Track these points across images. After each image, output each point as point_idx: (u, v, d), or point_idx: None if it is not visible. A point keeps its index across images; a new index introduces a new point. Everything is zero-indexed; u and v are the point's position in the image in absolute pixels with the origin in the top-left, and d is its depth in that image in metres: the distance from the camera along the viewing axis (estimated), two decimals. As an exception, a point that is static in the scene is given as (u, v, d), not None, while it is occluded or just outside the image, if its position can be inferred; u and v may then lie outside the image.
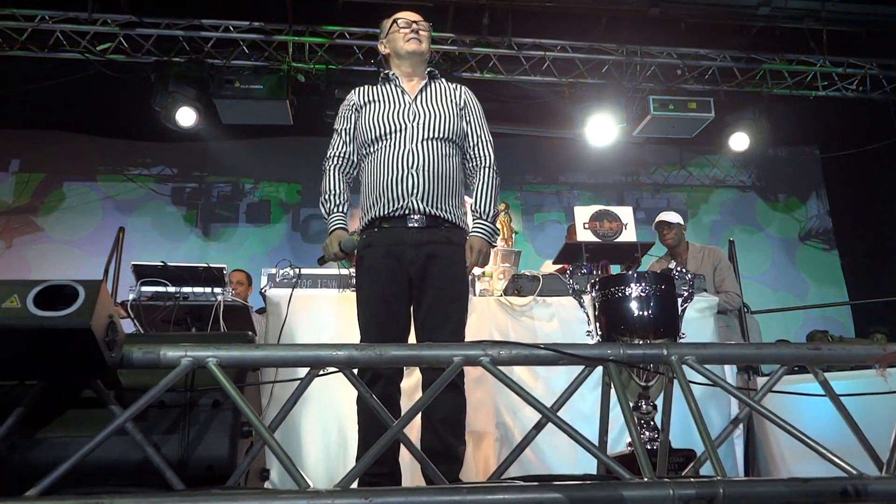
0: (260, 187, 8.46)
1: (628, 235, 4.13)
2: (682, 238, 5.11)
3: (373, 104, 2.95)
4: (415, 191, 2.75)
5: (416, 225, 2.74)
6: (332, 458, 3.42)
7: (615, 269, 4.24)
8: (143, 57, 6.35)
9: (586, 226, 4.11)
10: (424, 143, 2.82)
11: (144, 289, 3.88)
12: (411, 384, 3.26)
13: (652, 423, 2.43)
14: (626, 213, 4.18)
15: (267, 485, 3.08)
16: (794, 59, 7.00)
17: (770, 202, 9.16)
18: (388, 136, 2.84)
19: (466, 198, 3.04)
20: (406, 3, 6.44)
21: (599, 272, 4.02)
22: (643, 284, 2.44)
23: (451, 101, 2.98)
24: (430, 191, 2.77)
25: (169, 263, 3.98)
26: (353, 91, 3.09)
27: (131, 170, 8.24)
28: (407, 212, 2.74)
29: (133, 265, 3.96)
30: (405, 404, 2.79)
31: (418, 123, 2.86)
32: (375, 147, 2.86)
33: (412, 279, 2.75)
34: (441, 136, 2.86)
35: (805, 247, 9.02)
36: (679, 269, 2.69)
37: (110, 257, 4.44)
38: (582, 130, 7.19)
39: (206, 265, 3.99)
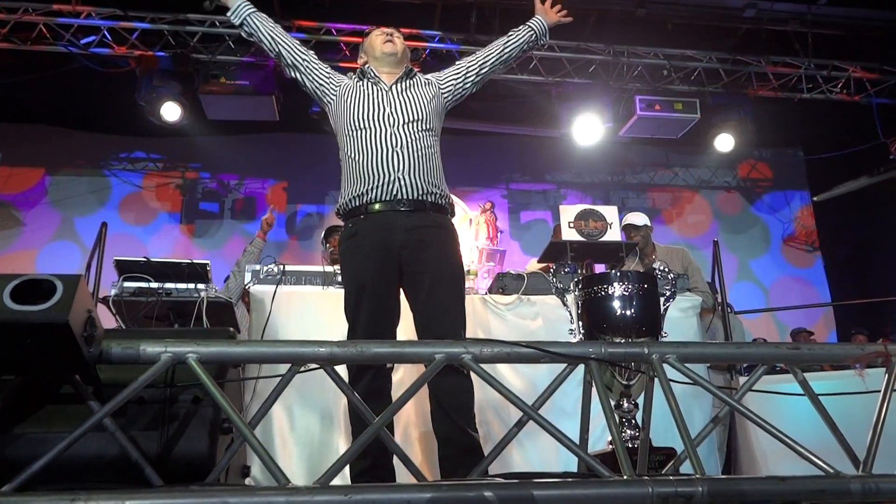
0: (245, 183, 8.42)
1: (613, 235, 4.15)
2: (649, 240, 5.10)
3: (351, 96, 2.98)
4: (401, 167, 2.79)
5: (404, 209, 2.76)
6: (314, 455, 3.41)
7: (600, 269, 4.25)
8: (128, 51, 6.29)
9: (571, 225, 4.11)
10: (405, 126, 2.88)
11: (127, 284, 3.85)
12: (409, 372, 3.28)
13: (633, 421, 2.44)
14: (611, 213, 4.20)
15: (248, 481, 3.07)
16: (780, 61, 7.05)
17: (754, 203, 9.22)
18: (370, 124, 2.88)
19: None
20: (393, 0, 6.50)
21: (584, 271, 4.04)
22: (626, 284, 2.45)
23: (426, 88, 3.03)
24: (416, 168, 2.81)
25: (152, 259, 3.95)
26: (343, 75, 3.13)
27: (115, 164, 8.17)
28: (395, 191, 2.76)
29: (115, 260, 3.92)
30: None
31: (395, 109, 2.91)
32: (356, 134, 2.89)
33: (403, 264, 2.75)
34: (419, 119, 2.91)
35: (789, 248, 9.09)
36: (662, 268, 2.70)
37: (93, 252, 4.39)
38: (568, 130, 7.21)
39: (189, 261, 3.96)
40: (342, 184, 2.94)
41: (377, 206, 2.77)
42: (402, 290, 2.84)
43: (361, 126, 2.89)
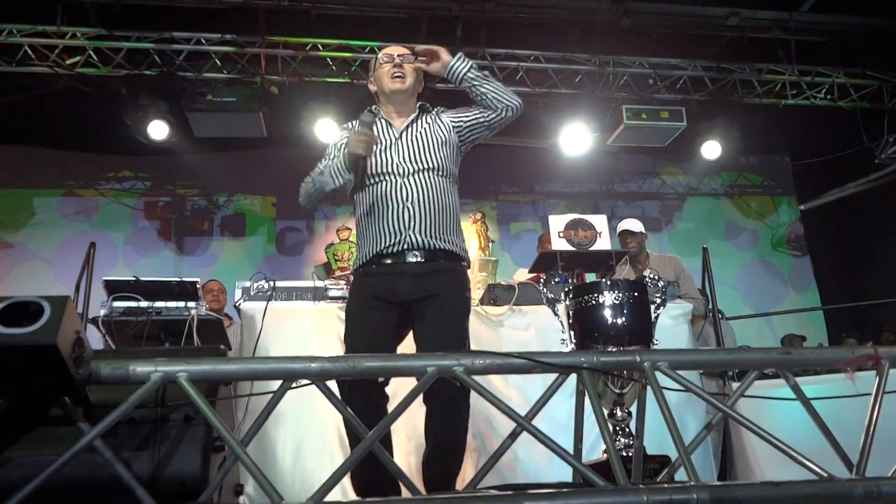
0: (234, 200, 8.41)
1: (603, 244, 4.16)
2: (643, 247, 5.13)
3: None
4: (412, 224, 2.71)
5: (415, 260, 2.70)
6: (308, 472, 3.39)
7: (590, 278, 4.26)
8: (114, 70, 6.28)
9: (561, 234, 4.13)
10: (416, 175, 2.77)
11: (116, 304, 3.84)
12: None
13: (627, 429, 2.44)
14: (600, 222, 4.21)
15: (242, 499, 3.05)
16: (764, 68, 7.11)
17: (742, 209, 9.28)
18: (378, 174, 2.79)
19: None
20: (380, 14, 6.52)
21: (574, 280, 4.04)
22: (616, 292, 2.46)
23: (439, 128, 2.92)
24: (427, 222, 2.72)
25: (141, 278, 3.94)
26: (343, 128, 3.03)
27: (103, 184, 8.16)
28: (406, 247, 2.70)
29: (104, 280, 3.91)
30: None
31: (405, 158, 2.80)
32: (367, 185, 2.80)
33: (411, 302, 2.69)
34: (431, 167, 2.81)
35: (778, 253, 9.14)
36: (652, 276, 2.71)
37: (81, 272, 4.38)
38: (556, 140, 7.24)
39: (179, 279, 3.95)
40: (357, 238, 2.88)
41: (388, 261, 2.72)
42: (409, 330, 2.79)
43: (371, 177, 2.79)
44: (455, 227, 2.83)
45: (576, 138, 7.13)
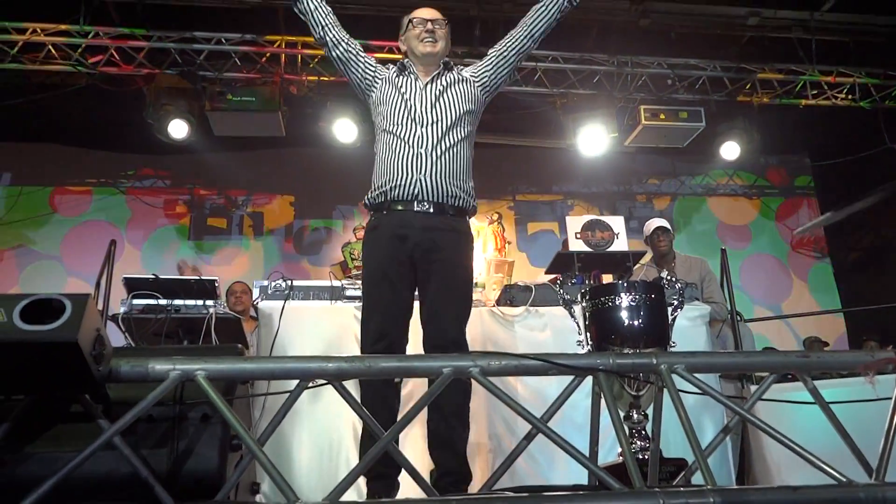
0: (253, 199, 8.46)
1: (620, 245, 4.15)
2: (672, 246, 5.13)
3: (391, 86, 3.03)
4: (423, 168, 2.85)
5: (423, 209, 2.83)
6: (324, 470, 3.41)
7: (608, 279, 4.24)
8: (136, 69, 6.34)
9: (578, 235, 4.12)
10: (434, 125, 2.92)
11: (136, 302, 3.87)
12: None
13: (643, 432, 2.42)
14: (617, 223, 4.20)
15: (259, 498, 3.06)
16: (784, 68, 7.04)
17: (761, 211, 9.19)
18: (400, 123, 2.94)
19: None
20: (399, 14, 6.50)
21: (591, 281, 4.03)
22: (633, 294, 2.45)
23: (461, 86, 3.05)
24: (439, 170, 2.86)
25: (160, 276, 3.97)
26: (384, 66, 3.14)
27: (123, 182, 8.23)
28: (416, 191, 2.83)
29: (124, 278, 3.95)
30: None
31: (426, 109, 2.95)
32: (389, 130, 2.96)
33: (416, 262, 2.83)
34: (449, 120, 2.94)
35: (797, 255, 9.05)
36: (669, 277, 2.69)
37: (102, 270, 4.42)
38: (574, 140, 7.22)
39: (197, 278, 3.98)
40: (372, 177, 3.00)
41: (398, 206, 2.86)
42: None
43: (393, 123, 2.95)
44: (465, 176, 2.96)
45: (594, 139, 7.10)
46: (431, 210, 2.84)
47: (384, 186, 2.88)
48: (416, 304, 2.91)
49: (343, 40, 3.05)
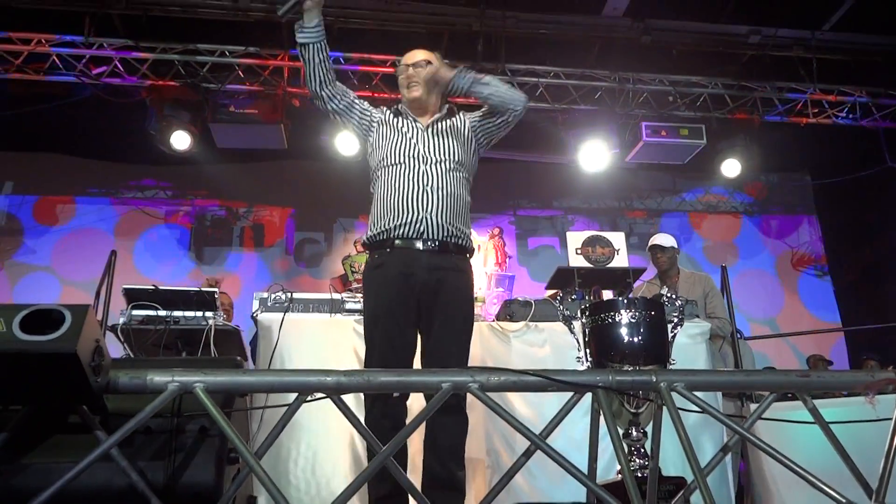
0: (254, 211, 8.47)
1: (620, 261, 4.14)
2: (674, 262, 5.11)
3: (388, 127, 3.01)
4: (429, 207, 2.82)
5: (427, 247, 2.80)
6: (321, 485, 3.39)
7: (608, 295, 4.23)
8: (139, 80, 6.37)
9: (578, 251, 4.11)
10: (437, 165, 2.90)
11: (135, 312, 3.87)
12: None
13: (642, 450, 2.41)
14: (618, 239, 4.20)
15: (255, 511, 3.05)
16: (785, 86, 7.07)
17: (762, 228, 9.20)
18: (403, 161, 2.91)
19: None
20: (402, 28, 6.57)
21: (591, 297, 4.02)
22: (633, 311, 2.44)
23: (462, 129, 3.04)
24: (443, 209, 2.84)
25: (160, 287, 3.97)
26: (378, 109, 3.12)
27: (125, 193, 8.25)
28: (421, 229, 2.80)
29: (124, 288, 3.94)
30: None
31: (429, 149, 2.93)
32: (390, 168, 2.93)
33: (420, 301, 2.79)
34: (451, 161, 2.93)
35: (797, 273, 9.05)
36: (669, 294, 2.69)
37: (102, 280, 4.41)
38: (575, 156, 7.23)
39: (197, 289, 3.98)
40: (371, 216, 2.97)
41: (402, 243, 2.81)
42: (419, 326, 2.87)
43: (394, 161, 2.92)
44: (465, 218, 2.96)
45: (595, 154, 7.11)
46: (437, 248, 2.81)
47: (388, 224, 2.83)
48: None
49: (336, 95, 2.99)
